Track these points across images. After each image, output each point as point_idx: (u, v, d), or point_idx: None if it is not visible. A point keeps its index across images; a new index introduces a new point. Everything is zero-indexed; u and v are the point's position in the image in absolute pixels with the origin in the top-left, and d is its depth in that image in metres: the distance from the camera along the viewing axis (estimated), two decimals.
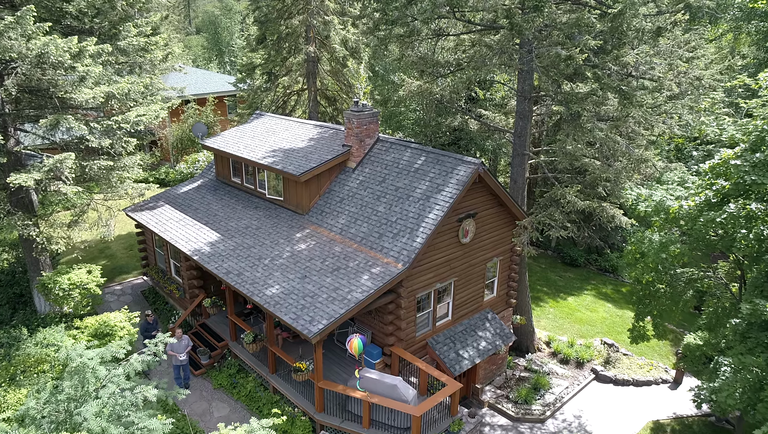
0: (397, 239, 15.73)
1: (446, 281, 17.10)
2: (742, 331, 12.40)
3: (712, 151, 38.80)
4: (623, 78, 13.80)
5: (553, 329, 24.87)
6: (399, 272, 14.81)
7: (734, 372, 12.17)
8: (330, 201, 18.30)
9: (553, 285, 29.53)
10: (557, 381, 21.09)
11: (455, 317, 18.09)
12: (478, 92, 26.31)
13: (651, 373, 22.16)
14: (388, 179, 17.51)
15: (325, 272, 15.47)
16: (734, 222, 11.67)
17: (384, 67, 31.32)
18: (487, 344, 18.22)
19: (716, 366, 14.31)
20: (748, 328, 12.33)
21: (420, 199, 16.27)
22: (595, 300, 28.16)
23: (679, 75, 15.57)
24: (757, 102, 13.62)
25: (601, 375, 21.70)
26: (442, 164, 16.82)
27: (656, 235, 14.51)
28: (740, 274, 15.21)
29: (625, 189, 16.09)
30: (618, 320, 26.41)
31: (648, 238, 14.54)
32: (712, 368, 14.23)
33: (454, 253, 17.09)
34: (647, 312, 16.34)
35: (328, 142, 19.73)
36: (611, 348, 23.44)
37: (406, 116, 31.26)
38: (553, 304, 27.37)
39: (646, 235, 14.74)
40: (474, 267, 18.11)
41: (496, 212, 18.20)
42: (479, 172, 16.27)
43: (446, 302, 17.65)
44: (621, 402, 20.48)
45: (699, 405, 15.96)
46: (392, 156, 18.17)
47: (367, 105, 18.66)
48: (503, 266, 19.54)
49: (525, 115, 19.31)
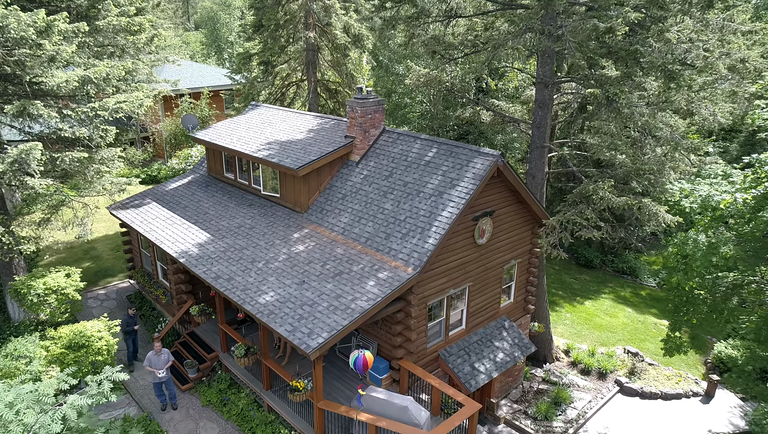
0: (406, 239, 14.00)
1: (460, 286, 15.37)
2: None
3: (729, 147, 36.96)
4: (667, 56, 12.07)
5: (571, 336, 23.14)
6: (409, 278, 13.08)
7: None
8: (331, 198, 16.57)
9: (569, 288, 27.79)
10: (579, 394, 19.36)
11: (470, 326, 16.36)
12: (489, 82, 24.57)
13: (680, 385, 20.40)
14: (395, 174, 15.78)
15: (326, 277, 13.74)
16: None
17: (388, 57, 29.59)
18: (504, 355, 16.48)
19: None
20: None
21: (432, 195, 14.54)
22: (614, 305, 26.40)
23: (722, 56, 13.85)
24: None
25: (626, 387, 19.97)
26: (456, 157, 15.09)
27: (702, 236, 12.80)
28: None
29: (669, 183, 14.35)
30: (640, 326, 24.65)
31: (693, 239, 12.82)
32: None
33: (470, 255, 15.36)
34: (684, 322, 14.61)
35: (329, 133, 18.00)
36: (636, 358, 21.69)
37: (411, 109, 29.52)
38: (569, 309, 25.62)
39: (690, 236, 13.03)
40: (490, 271, 16.39)
41: (514, 210, 16.46)
42: (498, 165, 14.54)
43: (460, 309, 15.93)
44: (650, 417, 18.73)
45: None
46: (400, 148, 16.44)
47: (371, 92, 16.92)
48: (521, 270, 17.81)
49: (545, 103, 17.58)
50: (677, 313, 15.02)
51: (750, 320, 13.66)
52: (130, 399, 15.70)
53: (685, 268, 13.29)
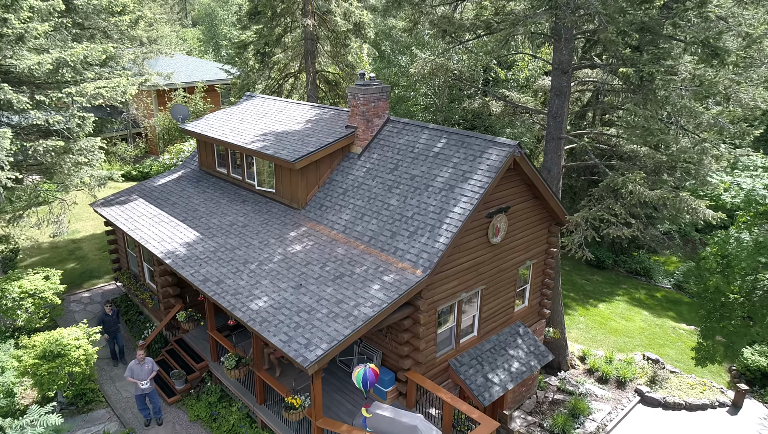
0: (414, 238, 12.66)
1: (472, 289, 14.04)
2: None
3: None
4: (710, 31, 10.73)
5: (585, 341, 21.80)
6: (419, 281, 11.73)
7: None
8: (331, 193, 15.23)
9: (581, 290, 26.46)
10: (597, 404, 18.01)
11: (482, 333, 15.03)
12: (498, 72, 23.20)
13: (705, 394, 19.06)
14: (401, 166, 14.44)
15: (326, 280, 12.39)
16: None
17: (391, 47, 28.22)
18: (520, 365, 15.14)
19: None
20: None
21: (442, 190, 13.20)
22: (629, 307, 25.06)
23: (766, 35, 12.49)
24: None
25: (647, 397, 18.63)
26: (468, 147, 13.75)
27: (745, 233, 11.50)
28: None
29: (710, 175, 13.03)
30: (658, 330, 23.30)
31: (735, 237, 11.51)
32: None
33: (483, 255, 14.03)
34: (719, 329, 13.28)
35: (328, 124, 16.66)
36: (656, 365, 20.34)
37: (414, 102, 28.16)
38: (582, 312, 24.29)
39: (732, 234, 11.72)
40: (504, 272, 15.05)
41: (530, 206, 15.13)
42: (515, 156, 13.20)
43: (471, 314, 14.59)
44: (674, 430, 17.39)
45: None
46: (406, 139, 15.10)
47: (375, 78, 15.57)
48: (536, 271, 16.47)
49: (562, 91, 16.24)
50: (709, 319, 13.70)
51: None
52: (111, 413, 14.35)
53: (725, 270, 12.01)
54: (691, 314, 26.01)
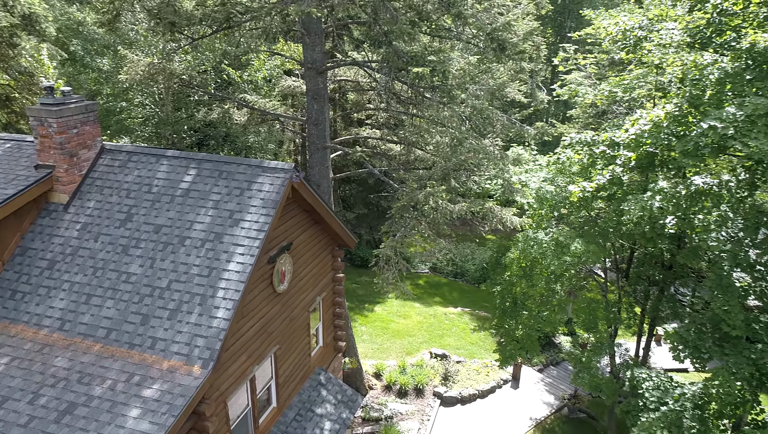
0: (179, 319, 8.92)
1: (265, 357, 10.97)
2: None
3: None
4: (493, 23, 9.76)
5: (375, 354, 20.70)
6: (200, 383, 8.17)
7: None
8: (29, 270, 10.10)
9: (354, 296, 25.45)
10: (406, 423, 16.96)
11: (282, 401, 12.11)
12: (231, 73, 19.91)
13: (491, 376, 19.81)
14: (137, 215, 10.30)
15: (46, 422, 7.76)
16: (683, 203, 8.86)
17: (83, 46, 21.96)
18: (332, 424, 12.75)
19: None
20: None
21: (205, 241, 9.69)
22: (402, 303, 25.04)
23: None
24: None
25: (446, 397, 18.38)
26: (230, 179, 10.46)
27: (541, 233, 11.17)
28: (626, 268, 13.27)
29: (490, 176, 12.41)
30: (434, 321, 23.74)
31: (535, 239, 11.08)
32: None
33: (271, 311, 11.06)
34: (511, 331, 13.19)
35: (2, 164, 11.16)
36: (444, 360, 20.40)
37: (129, 114, 22.72)
38: (362, 320, 23.23)
39: (530, 236, 11.30)
40: (296, 320, 12.35)
41: (312, 235, 12.69)
42: (293, 183, 10.48)
43: (267, 385, 11.52)
44: (476, 421, 17.44)
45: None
46: (136, 174, 10.91)
47: (70, 92, 10.83)
48: (326, 305, 14.23)
49: (320, 94, 14.09)
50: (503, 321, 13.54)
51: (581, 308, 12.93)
52: None
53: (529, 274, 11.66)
54: (452, 295, 27.53)
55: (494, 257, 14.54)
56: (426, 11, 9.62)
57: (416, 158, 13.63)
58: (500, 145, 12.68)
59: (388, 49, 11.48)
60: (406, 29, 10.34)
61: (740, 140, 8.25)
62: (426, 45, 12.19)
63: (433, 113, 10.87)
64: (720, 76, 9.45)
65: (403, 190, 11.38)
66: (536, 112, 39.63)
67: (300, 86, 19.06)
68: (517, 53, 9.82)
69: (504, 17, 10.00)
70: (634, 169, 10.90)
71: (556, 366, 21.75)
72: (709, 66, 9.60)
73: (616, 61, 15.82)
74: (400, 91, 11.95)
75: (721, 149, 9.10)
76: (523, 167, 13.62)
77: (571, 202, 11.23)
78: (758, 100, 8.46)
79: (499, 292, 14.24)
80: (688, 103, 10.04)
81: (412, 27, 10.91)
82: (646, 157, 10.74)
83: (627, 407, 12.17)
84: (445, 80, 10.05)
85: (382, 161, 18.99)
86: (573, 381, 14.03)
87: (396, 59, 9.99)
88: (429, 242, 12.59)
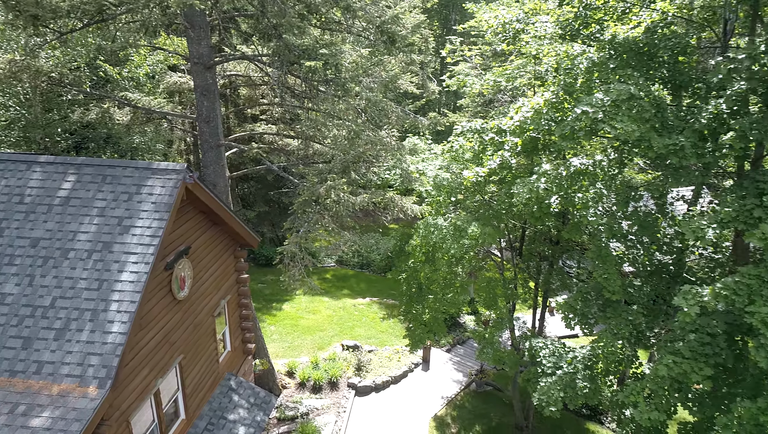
0: (68, 338, 8.24)
1: (169, 368, 10.44)
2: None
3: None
4: (383, 15, 9.86)
5: (286, 352, 20.43)
6: (98, 405, 7.62)
7: None
8: None
9: (260, 296, 24.87)
10: (322, 418, 16.95)
11: (191, 412, 11.61)
12: (108, 70, 18.51)
13: (402, 361, 20.31)
14: (9, 228, 9.32)
15: None
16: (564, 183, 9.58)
17: None
18: (246, 428, 12.44)
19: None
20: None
21: (92, 252, 9.00)
22: (311, 299, 24.87)
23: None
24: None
25: (360, 387, 18.60)
26: (116, 183, 9.76)
27: (440, 219, 11.59)
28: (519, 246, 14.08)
29: (388, 167, 12.58)
30: (343, 313, 23.84)
31: (435, 226, 11.46)
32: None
33: (173, 319, 10.53)
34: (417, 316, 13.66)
35: None
36: (356, 351, 20.59)
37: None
38: (271, 320, 22.79)
39: (430, 222, 11.66)
40: (201, 327, 11.87)
41: (211, 236, 12.22)
42: (187, 184, 10.01)
43: (174, 397, 10.98)
44: (392, 410, 17.85)
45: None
46: (3, 184, 9.86)
47: None
48: (232, 307, 13.81)
49: (210, 90, 13.56)
50: (411, 306, 13.96)
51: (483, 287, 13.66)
52: None
53: (431, 259, 12.04)
54: (360, 286, 27.80)
55: (398, 246, 14.90)
56: (315, 4, 9.60)
57: (315, 152, 13.56)
58: (396, 136, 13.05)
59: (278, 43, 11.30)
60: (295, 22, 10.25)
61: (608, 123, 9.13)
62: (317, 38, 12.16)
63: (329, 106, 10.94)
64: (588, 65, 10.37)
65: (303, 185, 11.30)
66: (429, 102, 40.89)
67: (187, 82, 18.15)
68: (406, 45, 10.13)
69: (392, 10, 10.27)
70: (521, 153, 11.72)
71: (463, 345, 22.77)
72: (579, 56, 10.50)
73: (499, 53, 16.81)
74: (293, 85, 11.82)
75: (593, 131, 9.99)
76: (419, 156, 14.07)
77: (466, 187, 11.86)
78: (621, 86, 9.39)
79: (404, 279, 14.64)
80: (563, 91, 10.91)
81: (301, 20, 10.82)
82: (530, 142, 11.56)
83: (527, 375, 13.08)
84: (339, 73, 10.11)
85: (280, 157, 18.72)
86: (478, 356, 14.78)
87: (287, 53, 9.88)
88: (333, 235, 12.65)
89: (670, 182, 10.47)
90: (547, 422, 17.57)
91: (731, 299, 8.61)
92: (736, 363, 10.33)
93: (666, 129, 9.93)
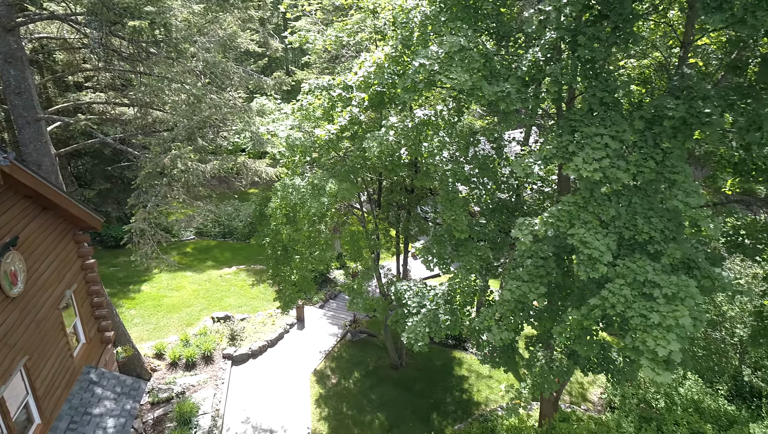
0: None
1: (12, 373, 9.45)
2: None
3: None
4: None
5: (151, 334, 19.38)
6: None
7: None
8: None
9: (114, 280, 23.07)
10: (200, 394, 16.59)
11: (48, 414, 10.69)
12: None
13: (277, 325, 20.35)
14: None
15: None
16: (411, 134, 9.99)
17: None
18: (116, 419, 11.77)
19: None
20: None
21: None
22: (172, 276, 23.63)
23: None
24: None
25: (236, 356, 18.41)
26: None
27: (297, 179, 11.51)
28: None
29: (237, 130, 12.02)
30: (210, 286, 23.06)
31: (292, 186, 11.35)
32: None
33: (8, 319, 9.46)
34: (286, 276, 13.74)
35: None
36: (228, 321, 20.17)
37: None
38: (129, 304, 21.33)
39: (287, 183, 11.52)
40: (45, 322, 10.80)
41: (43, 223, 10.99)
42: (2, 167, 8.83)
43: (24, 402, 10.00)
44: (272, 373, 17.97)
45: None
46: None
47: None
48: (80, 297, 12.69)
49: (15, 56, 11.87)
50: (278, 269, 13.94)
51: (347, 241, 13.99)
52: None
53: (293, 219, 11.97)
54: (224, 256, 26.97)
55: (258, 210, 14.62)
56: None
57: (155, 120, 12.57)
58: (243, 97, 12.55)
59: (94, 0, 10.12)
60: None
61: (444, 75, 9.69)
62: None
63: (163, 69, 10.13)
64: (422, 18, 10.81)
65: (146, 156, 10.48)
66: (275, 60, 39.58)
67: None
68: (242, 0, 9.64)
69: None
70: (369, 108, 12.01)
71: (335, 299, 23.39)
72: (413, 10, 10.89)
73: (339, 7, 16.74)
74: (120, 47, 10.68)
75: (432, 83, 10.54)
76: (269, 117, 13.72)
77: (320, 145, 11.92)
78: (452, 39, 9.97)
79: (269, 243, 14.53)
80: (401, 45, 11.29)
81: None
82: (376, 96, 11.88)
83: (396, 317, 13.93)
84: (169, 34, 9.33)
85: (115, 128, 17.01)
86: (350, 307, 15.35)
87: (106, 11, 8.83)
88: (187, 206, 12.03)
89: (503, 126, 11.50)
90: (418, 357, 18.97)
91: (556, 225, 9.86)
92: (564, 279, 11.95)
93: (494, 77, 10.81)
